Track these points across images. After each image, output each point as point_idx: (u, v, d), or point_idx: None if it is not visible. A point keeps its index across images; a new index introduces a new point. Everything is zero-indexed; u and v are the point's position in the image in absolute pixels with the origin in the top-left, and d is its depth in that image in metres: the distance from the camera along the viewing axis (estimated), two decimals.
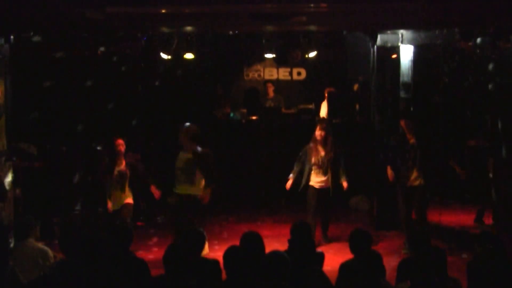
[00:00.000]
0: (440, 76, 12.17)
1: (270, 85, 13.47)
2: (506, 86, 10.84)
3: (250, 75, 14.46)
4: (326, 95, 12.72)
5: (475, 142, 11.89)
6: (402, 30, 9.89)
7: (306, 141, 9.29)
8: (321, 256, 6.04)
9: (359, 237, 5.80)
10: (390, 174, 8.88)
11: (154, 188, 8.61)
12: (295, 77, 14.41)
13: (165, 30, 9.86)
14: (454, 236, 9.35)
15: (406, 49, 10.03)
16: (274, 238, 8.38)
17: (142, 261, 5.79)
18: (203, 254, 5.92)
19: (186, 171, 8.28)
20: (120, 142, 8.73)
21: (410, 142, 8.61)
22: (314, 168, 9.03)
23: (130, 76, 11.81)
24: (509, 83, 10.86)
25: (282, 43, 10.56)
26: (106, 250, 5.60)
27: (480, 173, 10.58)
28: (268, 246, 5.81)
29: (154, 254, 8.62)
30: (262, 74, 14.41)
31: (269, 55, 11.12)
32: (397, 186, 8.85)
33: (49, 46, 10.60)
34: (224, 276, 5.34)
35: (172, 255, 5.00)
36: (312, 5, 7.48)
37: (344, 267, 5.62)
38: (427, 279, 4.84)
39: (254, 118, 12.57)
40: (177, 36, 10.13)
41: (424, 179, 8.62)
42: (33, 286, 4.49)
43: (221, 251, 5.25)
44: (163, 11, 7.83)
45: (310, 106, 12.68)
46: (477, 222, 10.18)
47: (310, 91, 13.76)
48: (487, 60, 10.84)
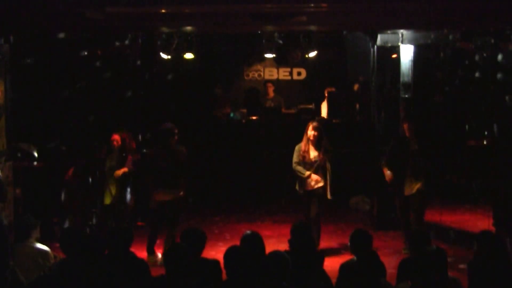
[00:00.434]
0: (440, 76, 12.16)
1: (270, 85, 13.46)
2: (506, 86, 10.84)
3: (250, 75, 14.45)
4: (326, 95, 12.72)
5: (475, 142, 11.89)
6: (402, 30, 9.88)
7: None
8: (321, 256, 6.04)
9: (359, 237, 5.81)
10: (387, 175, 8.64)
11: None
12: (295, 77, 14.41)
13: (165, 30, 9.86)
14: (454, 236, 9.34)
15: (406, 49, 10.02)
16: (274, 238, 8.38)
17: (143, 261, 5.79)
18: None
19: (170, 170, 8.30)
20: (115, 137, 8.73)
21: (411, 149, 8.37)
22: (306, 168, 8.57)
23: (130, 76, 11.80)
24: (509, 83, 10.86)
25: (282, 43, 10.56)
26: (107, 250, 5.61)
27: (480, 173, 10.58)
28: (268, 246, 5.81)
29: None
30: (262, 74, 14.41)
31: (269, 55, 11.12)
32: (394, 190, 8.65)
33: (49, 46, 10.63)
34: (224, 276, 5.34)
35: (173, 255, 5.00)
36: (312, 5, 7.48)
37: (344, 267, 5.63)
38: (428, 279, 4.84)
39: (254, 118, 12.57)
40: (177, 36, 10.13)
41: (424, 185, 8.35)
42: (33, 286, 4.50)
43: (221, 251, 5.24)
44: (163, 11, 7.83)
45: (310, 106, 12.67)
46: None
47: (310, 91, 13.76)
48: (488, 60, 10.84)
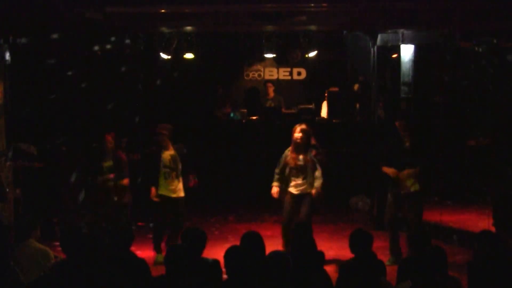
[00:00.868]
0: (440, 75, 12.15)
1: (270, 85, 13.46)
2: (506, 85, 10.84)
3: (250, 75, 14.45)
4: (326, 95, 12.72)
5: (475, 142, 11.89)
6: (402, 30, 9.88)
7: None
8: (321, 255, 6.04)
9: (359, 237, 5.81)
10: (390, 172, 8.25)
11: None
12: (295, 77, 14.40)
13: (165, 30, 9.87)
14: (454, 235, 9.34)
15: (407, 48, 10.02)
16: (274, 238, 8.35)
17: (143, 261, 5.78)
18: None
19: (174, 168, 8.43)
20: (108, 138, 8.74)
21: (405, 145, 8.19)
22: (293, 172, 8.29)
23: (130, 76, 11.79)
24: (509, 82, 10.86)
25: (282, 43, 10.57)
26: (107, 250, 5.60)
27: (480, 173, 10.57)
28: (268, 246, 5.81)
29: (154, 254, 8.61)
30: (262, 74, 14.40)
31: (269, 55, 11.12)
32: (388, 189, 8.43)
33: (48, 46, 10.62)
34: (224, 276, 5.34)
35: (173, 255, 5.00)
36: (312, 4, 7.50)
37: (344, 267, 5.63)
38: (428, 279, 4.84)
39: (254, 118, 12.57)
40: (177, 36, 10.13)
41: (420, 184, 8.17)
42: (33, 286, 4.49)
43: (221, 251, 5.24)
44: (163, 11, 7.84)
45: (310, 106, 12.67)
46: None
47: (310, 91, 13.76)
48: (488, 59, 10.84)
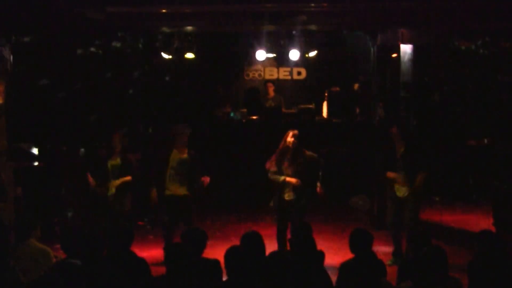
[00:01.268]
0: (440, 75, 12.17)
1: (270, 85, 13.46)
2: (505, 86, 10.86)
3: (250, 75, 14.45)
4: (326, 95, 12.72)
5: (475, 142, 11.90)
6: (402, 30, 9.88)
7: (306, 141, 9.20)
8: (321, 255, 6.04)
9: (359, 237, 5.81)
10: (395, 176, 8.16)
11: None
12: (295, 77, 14.40)
13: (165, 30, 9.88)
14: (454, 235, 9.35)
15: (406, 48, 10.03)
16: (274, 238, 8.36)
17: (143, 261, 5.79)
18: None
19: (180, 171, 8.35)
20: (115, 138, 8.74)
21: (400, 152, 8.13)
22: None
23: (130, 75, 11.80)
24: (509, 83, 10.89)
25: (282, 43, 10.58)
26: (107, 250, 5.61)
27: (480, 172, 10.58)
28: (268, 246, 5.82)
29: (155, 254, 8.62)
30: (262, 74, 14.40)
31: (269, 55, 11.12)
32: (386, 193, 8.46)
33: (49, 45, 10.63)
34: (224, 276, 5.34)
35: (174, 255, 5.00)
36: (312, 4, 7.51)
37: (344, 267, 5.63)
38: (428, 279, 4.84)
39: (254, 118, 12.58)
40: (177, 36, 10.15)
41: (416, 188, 8.04)
42: (33, 286, 4.50)
43: (221, 251, 5.25)
44: (163, 11, 7.85)
45: (310, 106, 12.68)
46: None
47: (310, 91, 13.77)
48: (487, 59, 10.86)
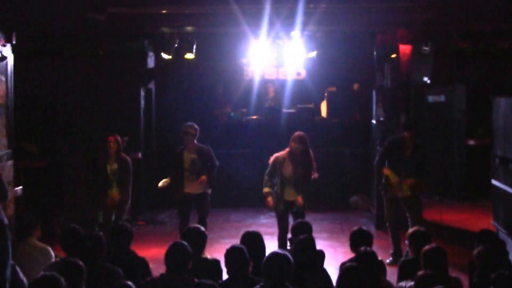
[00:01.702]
0: (439, 75, 12.18)
1: (270, 85, 13.46)
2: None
3: (250, 75, 14.43)
4: (326, 95, 12.73)
5: (475, 142, 11.92)
6: (401, 30, 9.90)
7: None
8: (321, 255, 6.06)
9: (360, 236, 5.83)
10: (391, 175, 8.19)
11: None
12: (295, 77, 14.38)
13: (165, 30, 9.89)
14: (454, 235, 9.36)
15: (406, 48, 10.05)
16: (274, 238, 8.38)
17: (143, 260, 5.80)
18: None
19: (194, 171, 8.44)
20: (110, 139, 8.73)
21: (406, 153, 8.17)
22: (287, 182, 8.07)
23: (130, 75, 11.80)
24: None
25: (282, 43, 10.58)
26: (107, 249, 5.62)
27: (480, 172, 10.59)
28: (269, 246, 5.84)
29: (155, 253, 8.63)
30: (262, 74, 14.37)
31: (269, 55, 11.13)
32: (384, 193, 8.42)
33: (50, 45, 10.65)
34: (224, 275, 5.36)
35: (174, 255, 5.02)
36: (312, 5, 7.51)
37: (344, 267, 5.64)
38: (428, 279, 4.86)
39: (254, 118, 12.58)
40: (177, 36, 10.15)
41: (419, 187, 8.11)
42: (34, 285, 4.51)
43: (222, 251, 5.26)
44: (164, 12, 7.86)
45: (310, 106, 12.69)
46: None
47: (310, 91, 13.76)
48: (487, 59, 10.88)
